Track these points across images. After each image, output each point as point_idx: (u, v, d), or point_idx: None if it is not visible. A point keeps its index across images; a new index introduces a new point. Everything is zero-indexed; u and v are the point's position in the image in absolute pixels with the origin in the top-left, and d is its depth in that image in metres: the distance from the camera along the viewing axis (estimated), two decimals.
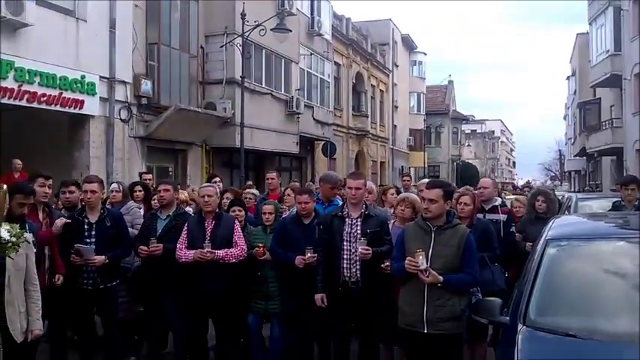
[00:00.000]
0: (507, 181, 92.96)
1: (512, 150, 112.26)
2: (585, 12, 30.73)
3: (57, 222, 5.45)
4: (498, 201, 6.50)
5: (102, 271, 5.45)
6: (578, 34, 39.22)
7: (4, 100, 10.41)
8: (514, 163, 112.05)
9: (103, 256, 5.40)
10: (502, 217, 6.28)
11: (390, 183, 24.98)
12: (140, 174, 10.16)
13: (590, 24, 30.20)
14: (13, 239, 3.37)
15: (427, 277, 4.22)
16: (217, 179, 8.38)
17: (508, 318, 3.67)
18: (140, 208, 6.89)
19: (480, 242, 5.42)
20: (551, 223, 4.90)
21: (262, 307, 5.80)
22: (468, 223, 5.66)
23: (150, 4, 14.06)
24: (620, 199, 6.95)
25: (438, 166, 49.90)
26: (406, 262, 4.29)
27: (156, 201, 6.30)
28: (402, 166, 39.69)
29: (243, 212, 6.35)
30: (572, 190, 42.36)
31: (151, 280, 5.85)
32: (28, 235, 4.30)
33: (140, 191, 7.45)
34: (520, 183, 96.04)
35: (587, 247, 4.08)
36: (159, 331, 6.13)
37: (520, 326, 3.44)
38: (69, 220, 5.47)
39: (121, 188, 6.98)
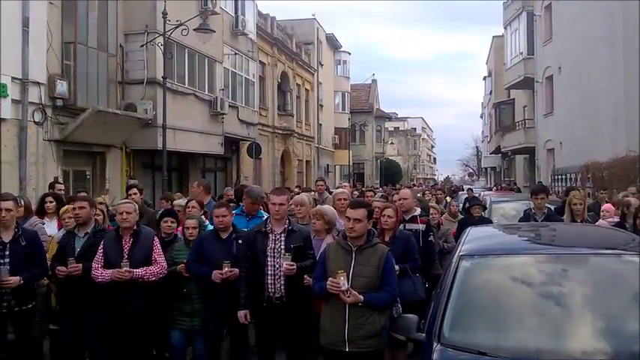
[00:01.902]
0: (428, 177, 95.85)
1: (432, 147, 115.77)
2: (501, 15, 32.09)
3: None
4: (417, 211, 6.70)
5: (17, 293, 5.25)
6: (494, 36, 40.89)
7: None
8: (435, 159, 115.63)
9: (18, 277, 5.18)
10: (421, 226, 6.47)
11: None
12: (51, 184, 9.67)
13: (505, 28, 31.54)
14: None
15: (348, 297, 4.31)
16: (135, 190, 8.13)
17: (424, 335, 3.80)
18: (44, 224, 6.63)
19: (402, 253, 5.63)
20: (465, 235, 5.09)
21: (187, 324, 5.73)
22: (391, 235, 5.84)
23: (66, 1, 13.49)
24: (531, 208, 7.36)
25: (363, 163, 50.76)
26: (328, 282, 4.37)
27: (67, 220, 6.05)
28: (328, 165, 40.09)
29: (175, 224, 6.22)
30: (488, 185, 44.26)
31: (69, 298, 5.66)
32: None
33: (51, 202, 7.17)
34: (440, 178, 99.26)
35: (500, 263, 4.20)
36: (75, 350, 5.94)
37: (435, 344, 3.56)
38: None
39: (23, 203, 6.67)
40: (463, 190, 28.81)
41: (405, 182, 54.62)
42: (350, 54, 46.49)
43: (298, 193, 9.47)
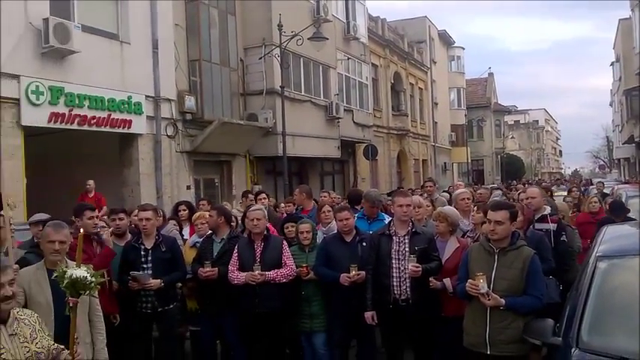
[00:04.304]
0: (554, 170, 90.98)
1: (557, 139, 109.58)
2: None
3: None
4: (547, 210, 6.38)
5: (159, 295, 5.69)
6: (620, 19, 38.02)
7: (57, 125, 10.86)
8: (560, 152, 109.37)
9: (159, 280, 5.62)
10: (552, 226, 6.12)
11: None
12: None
13: (632, 10, 29.33)
14: (94, 279, 3.57)
15: (488, 300, 4.23)
16: (264, 195, 8.41)
17: (561, 339, 3.67)
18: (179, 230, 7.12)
19: None
20: (601, 235, 4.83)
21: (307, 326, 5.88)
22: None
23: (190, 22, 14.40)
24: None
25: (482, 159, 49.28)
26: (467, 284, 4.32)
27: (199, 225, 6.51)
28: (445, 163, 39.37)
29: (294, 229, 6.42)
30: (622, 179, 41.15)
31: (208, 301, 6.05)
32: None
33: (185, 210, 7.73)
34: (567, 172, 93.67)
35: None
36: (214, 350, 6.34)
37: (573, 349, 3.45)
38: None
39: (160, 213, 7.20)
40: (593, 184, 27.05)
41: (530, 177, 52.33)
42: (464, 49, 45.35)
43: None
